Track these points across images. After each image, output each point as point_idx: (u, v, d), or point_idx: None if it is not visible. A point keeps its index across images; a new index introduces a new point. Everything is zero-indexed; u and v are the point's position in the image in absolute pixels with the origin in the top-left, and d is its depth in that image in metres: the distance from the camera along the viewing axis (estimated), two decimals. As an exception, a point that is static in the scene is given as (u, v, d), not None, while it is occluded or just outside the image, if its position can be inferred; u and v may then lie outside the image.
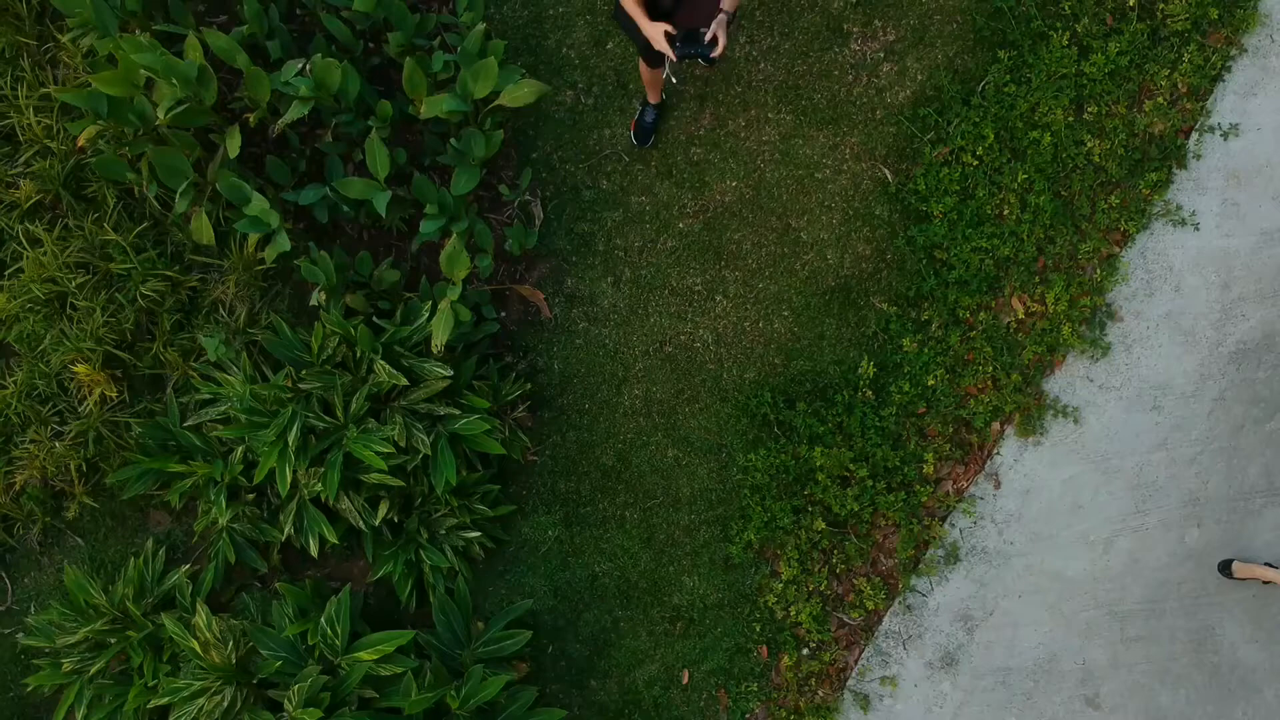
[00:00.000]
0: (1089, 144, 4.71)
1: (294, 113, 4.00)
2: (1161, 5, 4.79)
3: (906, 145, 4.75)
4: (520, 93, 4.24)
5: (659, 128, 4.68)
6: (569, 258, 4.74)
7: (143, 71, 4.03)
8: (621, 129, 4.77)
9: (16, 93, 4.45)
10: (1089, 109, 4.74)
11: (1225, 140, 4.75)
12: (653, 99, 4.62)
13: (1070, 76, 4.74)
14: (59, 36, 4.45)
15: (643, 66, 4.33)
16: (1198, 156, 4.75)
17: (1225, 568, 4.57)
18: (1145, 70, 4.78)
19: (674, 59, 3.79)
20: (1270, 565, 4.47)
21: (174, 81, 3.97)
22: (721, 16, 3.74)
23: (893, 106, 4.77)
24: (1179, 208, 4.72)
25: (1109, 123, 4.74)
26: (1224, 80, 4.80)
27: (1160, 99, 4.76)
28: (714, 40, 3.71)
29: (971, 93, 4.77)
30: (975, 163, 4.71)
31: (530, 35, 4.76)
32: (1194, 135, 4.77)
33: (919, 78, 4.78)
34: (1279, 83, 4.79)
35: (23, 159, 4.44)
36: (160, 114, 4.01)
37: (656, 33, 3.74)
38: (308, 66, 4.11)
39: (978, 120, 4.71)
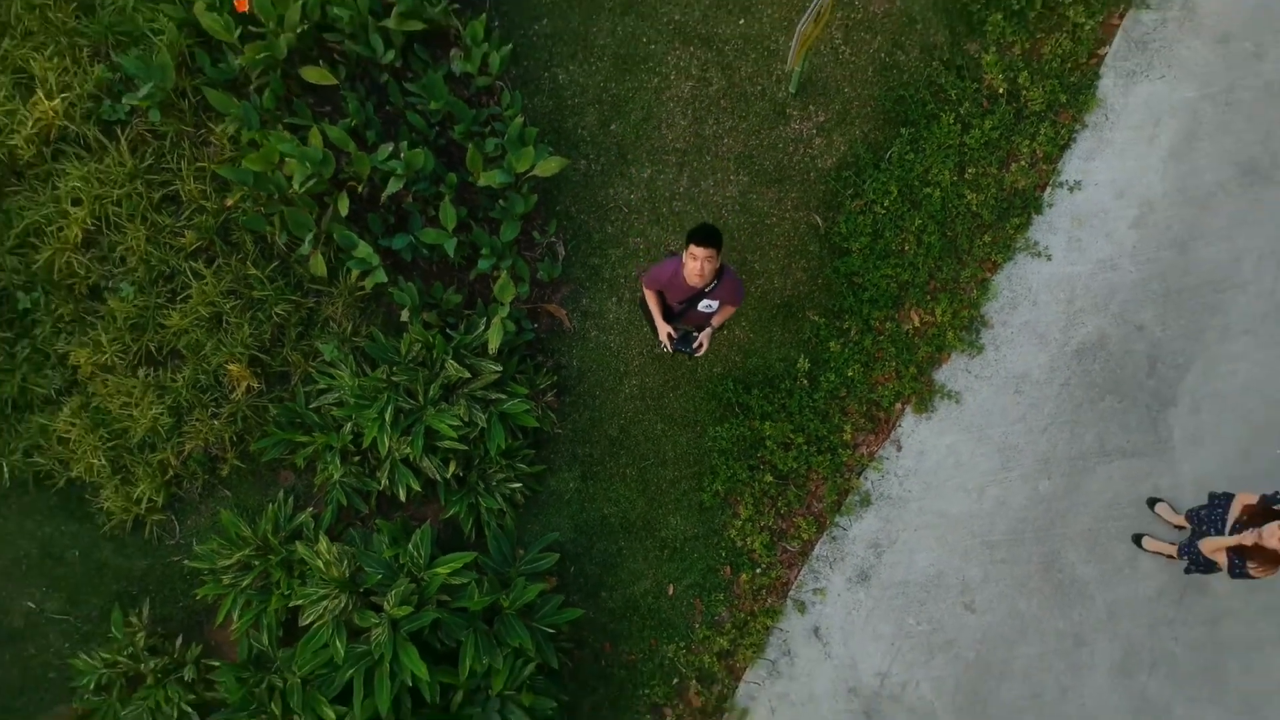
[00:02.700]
0: (969, 196, 6.20)
1: (392, 186, 5.51)
2: (1024, 92, 6.27)
3: (832, 199, 6.24)
4: (549, 166, 5.76)
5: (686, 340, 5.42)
6: (584, 283, 6.23)
7: (280, 153, 5.57)
8: (621, 189, 6.25)
9: (180, 166, 5.95)
10: (969, 170, 6.22)
11: (1071, 193, 6.23)
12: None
13: (955, 146, 6.23)
14: (210, 125, 5.96)
15: (651, 331, 5.68)
16: (1050, 205, 6.23)
17: (1138, 540, 5.97)
18: (1011, 141, 6.26)
19: (669, 351, 5.30)
20: (1169, 546, 5.85)
21: (305, 163, 5.50)
22: (709, 330, 5.22)
23: (822, 170, 6.25)
24: (1036, 243, 6.20)
25: (983, 181, 6.22)
26: (1071, 147, 6.27)
27: (1023, 162, 6.25)
28: (700, 345, 5.21)
29: (881, 159, 6.25)
30: (883, 211, 6.19)
31: (554, 120, 6.25)
32: (1048, 189, 6.24)
33: (842, 148, 6.27)
34: (1112, 149, 6.27)
35: (185, 215, 5.93)
36: (295, 185, 5.52)
37: (662, 333, 5.19)
38: (399, 150, 5.62)
39: (885, 180, 6.20)
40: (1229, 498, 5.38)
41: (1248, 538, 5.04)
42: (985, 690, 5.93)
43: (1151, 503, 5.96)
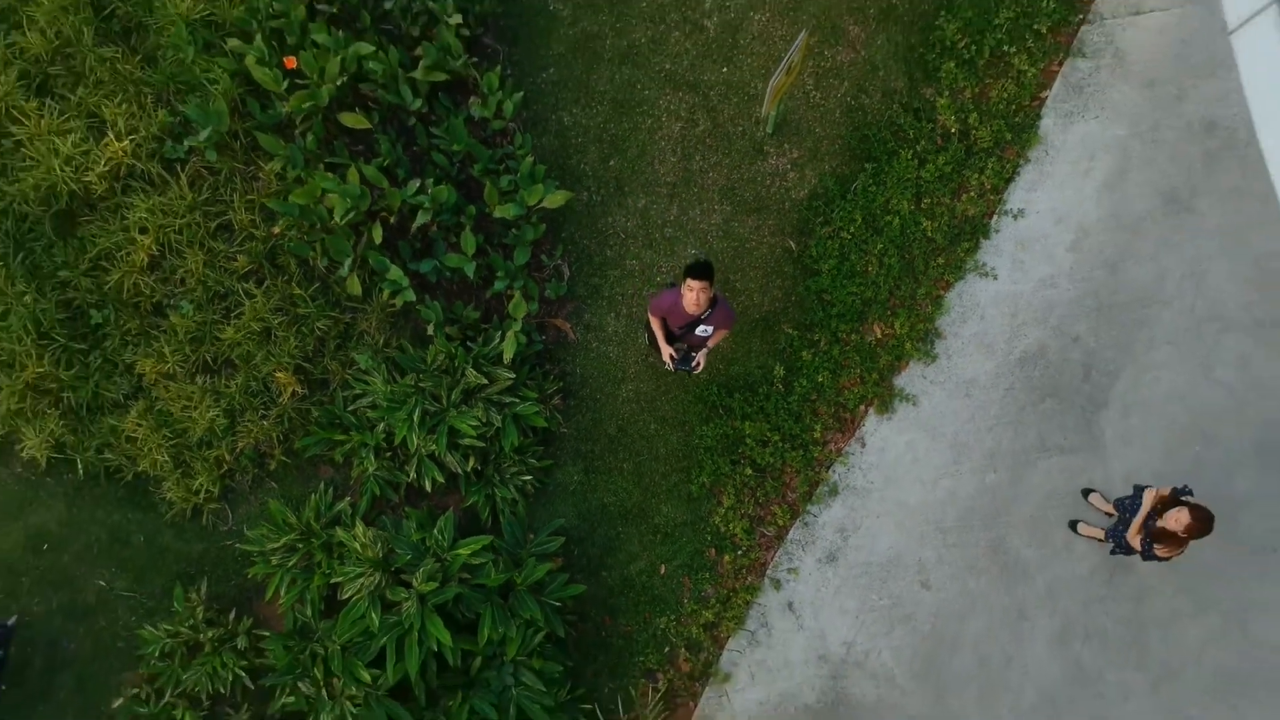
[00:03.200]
0: (924, 224, 7.02)
1: (420, 218, 6.34)
2: (974, 131, 7.09)
3: (805, 225, 7.06)
4: (555, 199, 6.58)
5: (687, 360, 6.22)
6: (586, 301, 7.05)
7: (323, 189, 6.39)
8: (619, 217, 7.07)
9: (233, 198, 6.78)
10: (924, 200, 7.03)
11: (1015, 220, 7.04)
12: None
13: (912, 179, 7.04)
14: (259, 163, 6.79)
15: (653, 351, 6.49)
16: (996, 231, 7.04)
17: (1073, 526, 6.78)
18: (962, 174, 7.08)
19: (671, 370, 6.10)
20: (1098, 529, 6.64)
21: (345, 198, 6.32)
22: (705, 350, 6.03)
23: (796, 200, 7.07)
24: (983, 264, 7.01)
25: (938, 209, 7.03)
26: (1015, 180, 7.08)
27: (972, 193, 7.06)
28: (698, 364, 6.04)
29: (847, 190, 7.07)
30: (849, 237, 7.01)
31: (560, 157, 7.08)
32: (994, 217, 7.05)
33: (813, 181, 7.08)
34: (1052, 181, 7.08)
35: (238, 241, 6.76)
36: (336, 216, 6.35)
37: (665, 354, 5.99)
38: (426, 186, 6.45)
39: (851, 209, 7.01)
40: (1144, 490, 6.19)
41: (1173, 521, 5.82)
42: (939, 658, 6.73)
43: (1085, 493, 6.77)
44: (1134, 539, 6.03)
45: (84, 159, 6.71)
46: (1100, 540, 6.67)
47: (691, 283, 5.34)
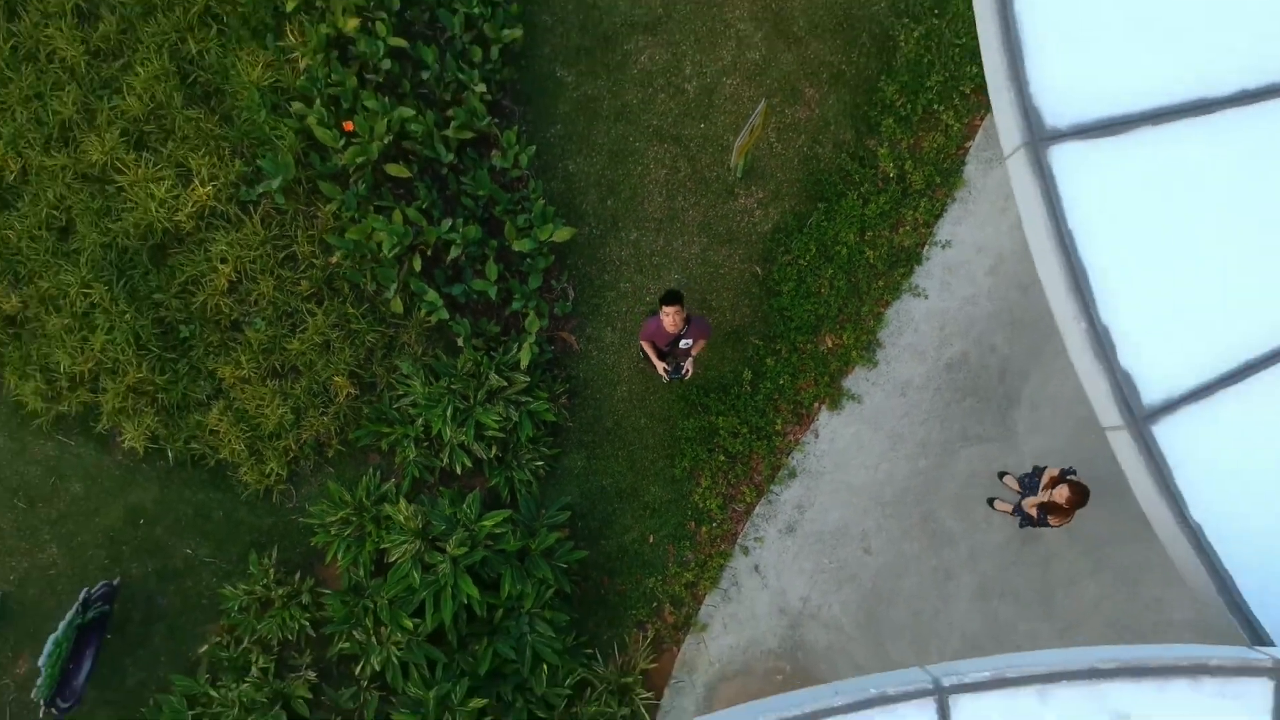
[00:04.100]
0: (867, 253, 8.41)
1: (453, 251, 7.75)
2: (909, 175, 8.47)
3: (768, 254, 8.45)
4: (562, 234, 7.98)
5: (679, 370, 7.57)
6: (588, 317, 8.44)
7: (372, 227, 7.80)
8: (614, 248, 8.46)
9: (297, 234, 8.18)
10: (867, 233, 8.42)
11: (943, 249, 8.42)
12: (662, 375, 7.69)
13: (857, 216, 8.43)
14: (319, 205, 8.19)
15: (648, 366, 7.84)
16: (927, 258, 8.42)
17: (990, 502, 8.15)
18: (899, 211, 8.46)
19: (666, 381, 7.49)
20: (1010, 505, 8.00)
21: (391, 235, 7.73)
22: (690, 358, 7.34)
23: (761, 233, 8.47)
24: (917, 286, 8.39)
25: (878, 241, 8.42)
26: (943, 216, 8.46)
27: (907, 227, 8.44)
28: (686, 371, 7.37)
29: (803, 225, 8.47)
30: (805, 264, 8.39)
31: (566, 198, 8.47)
32: (926, 247, 8.43)
33: (775, 217, 8.48)
34: (974, 217, 8.45)
35: (301, 269, 8.16)
36: (384, 250, 7.75)
37: (660, 368, 7.34)
38: (457, 225, 7.86)
39: (806, 240, 8.40)
40: (1043, 470, 7.57)
41: (1057, 495, 7.19)
42: (879, 611, 8.10)
43: (1000, 475, 8.13)
44: (1031, 509, 7.42)
45: (174, 202, 8.12)
46: (1011, 514, 8.05)
47: (666, 309, 6.75)
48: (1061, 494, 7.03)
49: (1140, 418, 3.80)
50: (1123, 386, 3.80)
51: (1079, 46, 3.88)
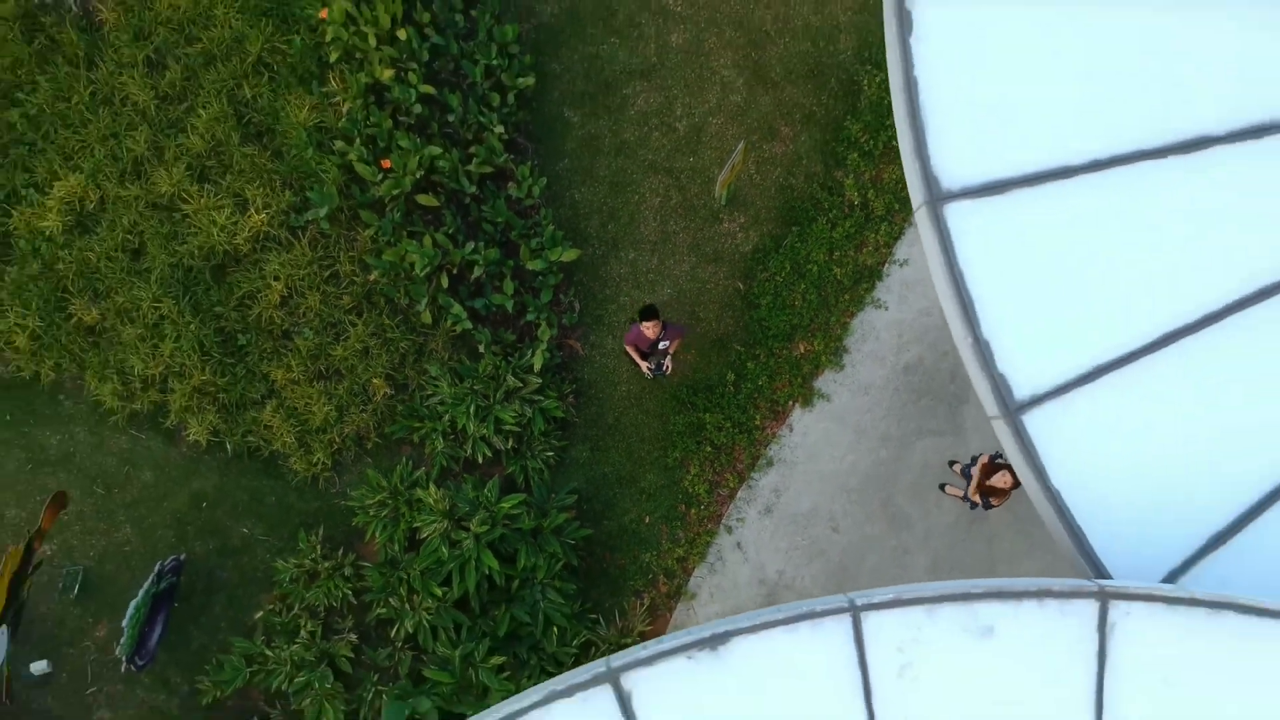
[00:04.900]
0: (835, 270, 9.60)
1: (476, 271, 8.95)
2: (871, 202, 9.66)
3: (749, 272, 9.64)
4: (569, 255, 9.18)
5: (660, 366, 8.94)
6: (592, 327, 9.64)
7: (406, 250, 9.00)
8: (615, 266, 9.66)
9: (339, 255, 9.38)
10: (835, 253, 9.61)
11: (901, 267, 9.61)
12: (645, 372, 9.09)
13: (826, 238, 9.63)
14: (359, 230, 9.39)
15: (634, 366, 9.15)
16: (888, 275, 9.61)
17: (942, 488, 9.34)
18: (863, 234, 9.65)
19: (650, 377, 8.72)
20: (959, 489, 9.18)
21: (423, 257, 8.93)
22: (669, 357, 8.53)
23: (743, 253, 9.66)
24: (878, 299, 9.58)
25: (845, 260, 9.61)
26: (901, 238, 9.64)
27: (870, 248, 9.63)
28: (667, 368, 8.59)
29: (780, 246, 9.66)
30: (781, 280, 9.58)
31: (572, 224, 9.66)
32: (886, 265, 9.63)
33: (755, 239, 9.68)
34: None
35: (344, 285, 9.36)
36: (417, 270, 8.95)
37: (644, 367, 8.57)
38: (479, 248, 9.06)
39: (782, 259, 9.59)
40: (978, 458, 8.76)
41: (999, 480, 8.37)
42: (846, 583, 9.28)
43: (951, 464, 9.32)
44: (974, 495, 8.61)
45: (233, 227, 9.32)
46: (960, 499, 9.24)
47: (644, 324, 8.00)
48: (1003, 479, 8.21)
49: (1013, 410, 4.99)
50: (999, 386, 4.99)
51: (968, 126, 5.07)
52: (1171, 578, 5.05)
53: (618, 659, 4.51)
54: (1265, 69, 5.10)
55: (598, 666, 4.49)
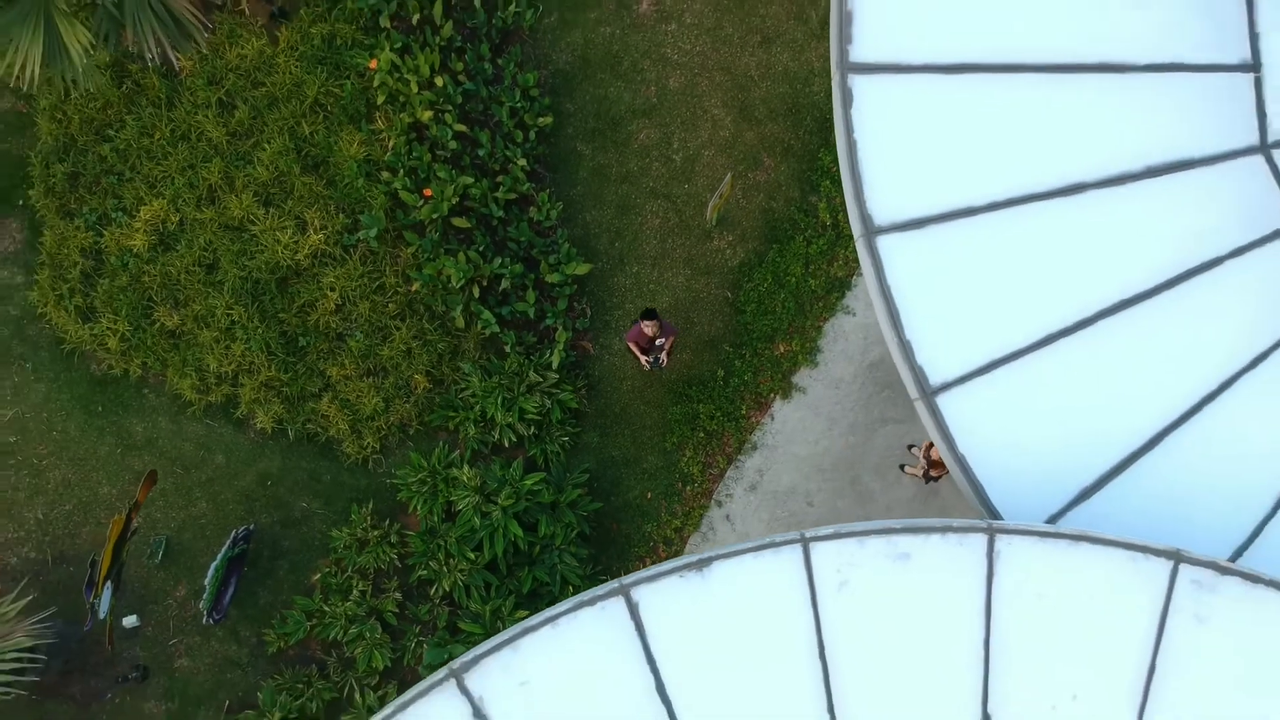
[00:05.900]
0: (810, 281, 11.08)
1: (503, 283, 10.46)
2: (842, 223, 11.14)
3: (737, 282, 11.13)
4: (582, 269, 10.69)
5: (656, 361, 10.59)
6: (601, 329, 11.12)
7: (443, 265, 10.51)
8: (621, 278, 11.16)
9: (385, 268, 10.88)
10: (810, 267, 11.08)
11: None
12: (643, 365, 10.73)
13: (803, 253, 11.12)
14: (403, 247, 10.88)
15: (635, 361, 10.71)
16: (856, 285, 11.08)
17: (901, 467, 10.83)
18: (835, 250, 11.13)
19: (648, 370, 10.23)
20: (915, 468, 10.65)
21: (458, 270, 10.44)
22: (665, 352, 10.05)
23: (731, 266, 11.15)
24: (848, 306, 11.05)
25: (819, 272, 11.08)
26: (868, 254, 11.13)
27: (840, 262, 11.10)
28: (663, 362, 10.08)
29: (762, 260, 11.16)
30: (764, 290, 11.07)
31: (584, 241, 11.15)
32: (854, 276, 11.10)
33: (742, 254, 11.17)
34: (891, 254, 11.13)
35: (389, 295, 10.87)
36: (453, 282, 10.47)
37: (643, 362, 10.07)
38: (505, 263, 10.57)
39: (765, 272, 11.07)
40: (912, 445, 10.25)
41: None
42: (819, 549, 10.75)
43: (909, 447, 10.82)
44: (919, 471, 10.11)
45: (294, 245, 10.83)
46: (917, 476, 10.74)
47: (644, 323, 9.49)
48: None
49: (929, 393, 6.49)
50: (919, 375, 6.50)
51: (896, 176, 6.57)
52: (1053, 520, 6.55)
53: (628, 578, 6.01)
54: (1129, 126, 6.60)
55: (613, 584, 6.00)
